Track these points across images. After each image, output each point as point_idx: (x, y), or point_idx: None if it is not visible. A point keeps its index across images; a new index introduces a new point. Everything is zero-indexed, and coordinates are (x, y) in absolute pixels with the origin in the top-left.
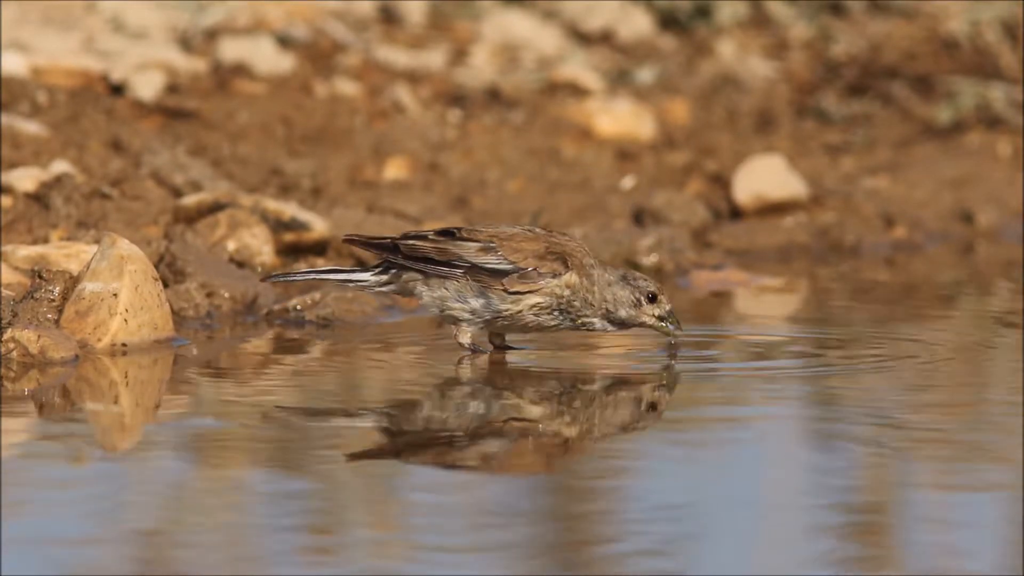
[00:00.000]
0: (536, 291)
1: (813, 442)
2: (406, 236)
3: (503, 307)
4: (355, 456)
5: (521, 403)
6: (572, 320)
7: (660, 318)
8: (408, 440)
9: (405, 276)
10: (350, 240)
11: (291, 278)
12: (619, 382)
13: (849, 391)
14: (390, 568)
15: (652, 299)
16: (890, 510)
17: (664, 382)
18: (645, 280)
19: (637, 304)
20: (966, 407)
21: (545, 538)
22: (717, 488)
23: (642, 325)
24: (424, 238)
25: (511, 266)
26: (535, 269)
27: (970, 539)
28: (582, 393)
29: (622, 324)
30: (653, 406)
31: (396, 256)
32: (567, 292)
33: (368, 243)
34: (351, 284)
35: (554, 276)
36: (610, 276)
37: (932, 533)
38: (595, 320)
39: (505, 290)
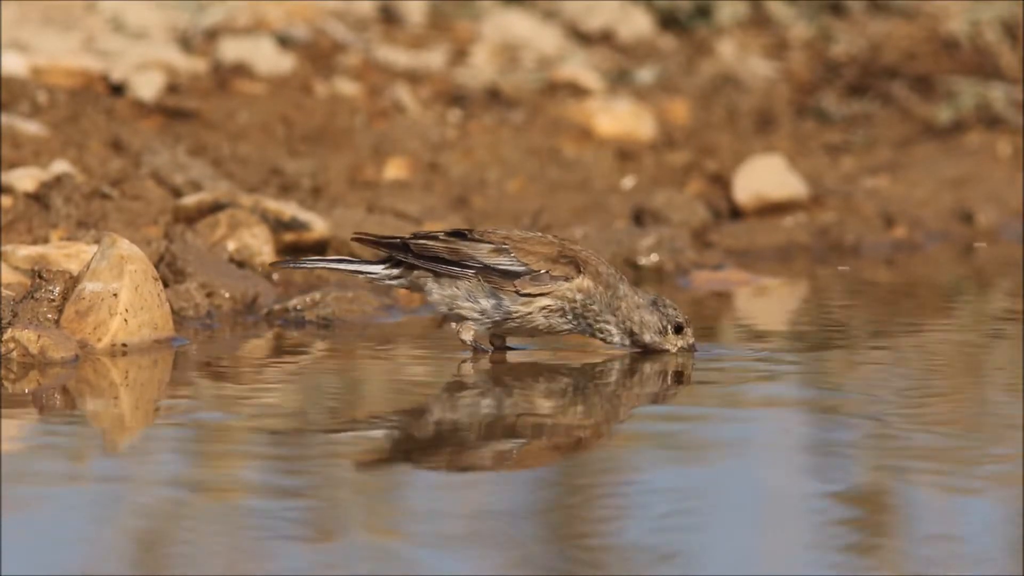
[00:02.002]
0: (547, 293)
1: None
2: (416, 236)
3: (514, 308)
4: (355, 455)
5: (522, 403)
6: (589, 325)
7: (683, 349)
8: (409, 439)
9: (416, 272)
10: (359, 238)
11: (300, 265)
12: (618, 381)
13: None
14: (391, 567)
15: (679, 330)
16: (890, 507)
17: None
18: (675, 309)
19: (663, 332)
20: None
21: (546, 537)
22: (718, 488)
23: (665, 352)
24: (435, 238)
25: (523, 268)
26: (547, 272)
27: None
28: (582, 393)
29: (644, 347)
30: (654, 404)
31: (407, 255)
32: (579, 296)
33: (378, 241)
34: (361, 275)
35: (566, 280)
36: (639, 299)
37: (932, 531)
38: (614, 331)
39: (517, 291)
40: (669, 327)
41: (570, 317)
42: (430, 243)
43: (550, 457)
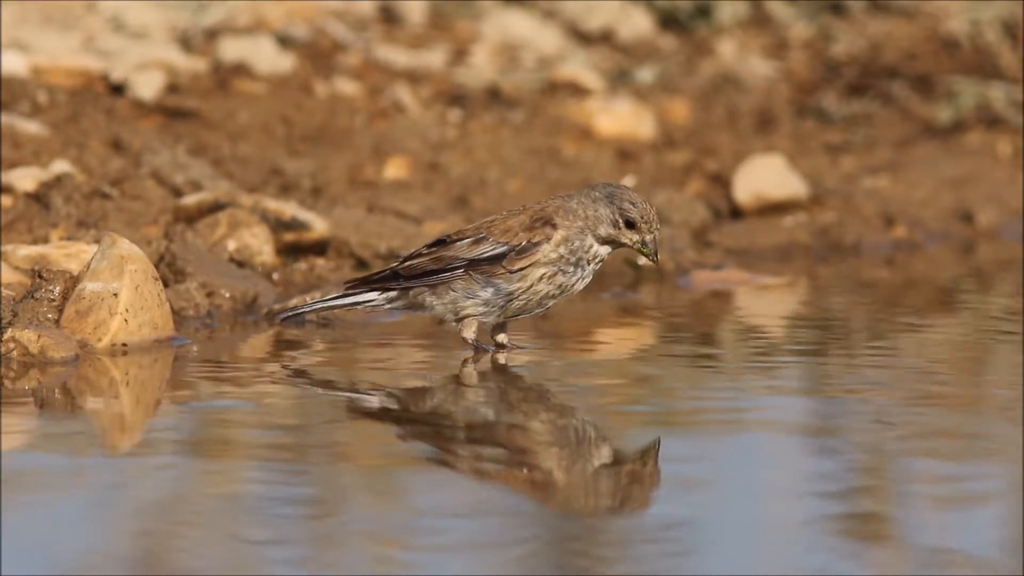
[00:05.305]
0: (535, 262)
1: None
2: (403, 261)
3: (512, 288)
4: (356, 454)
5: (523, 403)
6: (587, 263)
7: (642, 243)
8: (409, 439)
9: (412, 292)
10: (351, 285)
11: (300, 311)
12: (618, 381)
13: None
14: (390, 567)
15: (630, 225)
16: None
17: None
18: (632, 205)
19: (615, 225)
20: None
21: (543, 538)
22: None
23: (622, 245)
24: (419, 256)
25: (505, 247)
26: (528, 241)
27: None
28: (582, 392)
29: (606, 242)
30: (653, 404)
31: (399, 282)
32: (562, 248)
33: (369, 281)
34: (360, 306)
35: (547, 240)
36: (597, 193)
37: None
38: (598, 247)
39: (508, 271)
40: (620, 221)
41: (571, 269)
42: (416, 262)
43: (548, 460)
